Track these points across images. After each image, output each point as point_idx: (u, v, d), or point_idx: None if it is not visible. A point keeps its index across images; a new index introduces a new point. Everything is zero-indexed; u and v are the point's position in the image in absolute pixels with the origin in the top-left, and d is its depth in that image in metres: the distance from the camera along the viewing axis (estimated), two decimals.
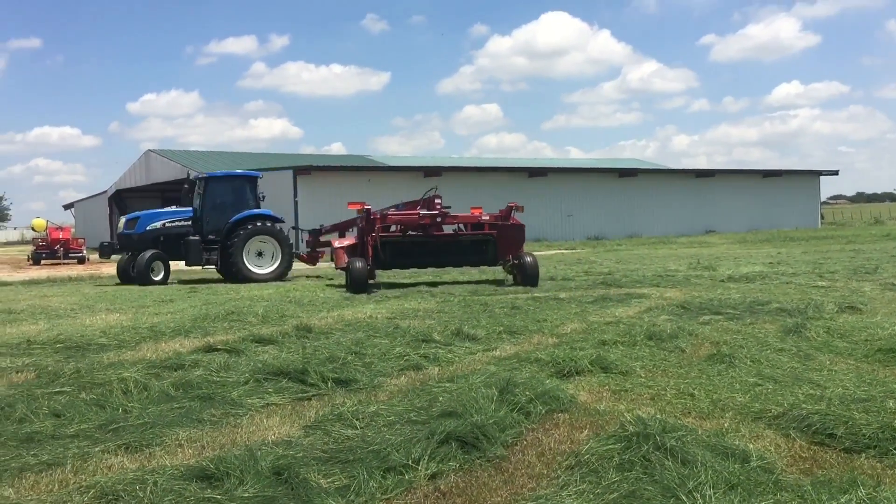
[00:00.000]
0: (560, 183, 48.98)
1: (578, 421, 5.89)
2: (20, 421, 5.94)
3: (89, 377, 7.24)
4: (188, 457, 5.11)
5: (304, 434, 5.60)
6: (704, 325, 10.35)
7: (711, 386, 6.92)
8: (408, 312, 12.60)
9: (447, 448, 5.02)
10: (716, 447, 4.91)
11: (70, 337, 9.93)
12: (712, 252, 30.90)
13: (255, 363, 7.81)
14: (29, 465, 4.96)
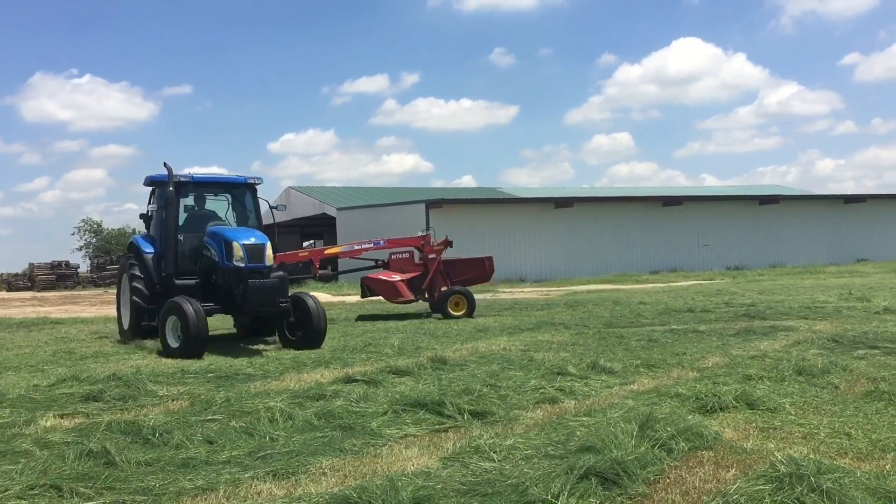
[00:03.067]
0: (696, 211, 47.56)
1: (724, 459, 5.65)
2: (177, 447, 6.27)
3: (238, 405, 7.59)
4: (332, 485, 5.24)
5: (442, 466, 5.63)
6: (859, 360, 9.75)
7: (869, 425, 6.50)
8: (542, 344, 12.52)
9: (587, 483, 4.93)
10: (877, 491, 4.61)
11: (220, 367, 10.43)
12: (865, 282, 29.11)
13: (393, 394, 7.96)
14: (185, 489, 5.23)
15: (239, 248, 12.51)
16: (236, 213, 14.67)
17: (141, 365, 11.04)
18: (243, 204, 14.65)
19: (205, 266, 13.39)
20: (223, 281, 12.89)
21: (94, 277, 56.72)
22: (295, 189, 56.55)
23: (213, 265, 13.05)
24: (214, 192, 14.71)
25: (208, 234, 13.30)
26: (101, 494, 5.12)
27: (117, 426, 6.78)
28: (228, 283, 12.77)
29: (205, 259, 13.36)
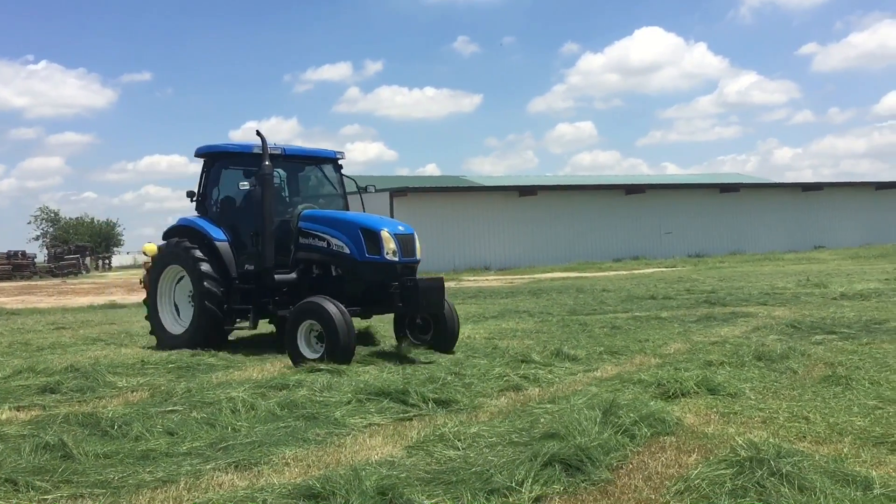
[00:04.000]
0: (658, 200, 48.06)
1: (686, 444, 5.71)
2: (136, 439, 6.17)
3: (199, 396, 7.49)
4: (295, 475, 5.19)
5: (406, 454, 5.62)
6: (817, 345, 9.92)
7: (827, 409, 6.61)
8: (506, 332, 12.55)
9: (551, 470, 4.94)
10: (835, 473, 4.67)
11: (181, 357, 10.29)
12: (822, 268, 29.67)
13: (357, 383, 7.91)
14: (145, 481, 5.14)
15: (390, 238, 10.05)
16: (319, 193, 12.20)
17: (99, 356, 10.85)
18: (329, 182, 12.19)
19: (308, 258, 10.83)
20: (356, 277, 10.32)
21: (52, 267, 55.76)
22: None
23: (334, 258, 10.49)
24: (301, 168, 12.06)
25: (320, 220, 10.72)
26: (59, 488, 5.02)
27: (75, 418, 6.64)
28: (369, 280, 10.26)
29: (306, 249, 10.81)
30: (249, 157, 11.19)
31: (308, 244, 10.76)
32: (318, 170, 12.14)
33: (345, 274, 10.49)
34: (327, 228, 10.56)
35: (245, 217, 11.24)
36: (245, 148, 11.35)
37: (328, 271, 10.71)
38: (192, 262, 11.03)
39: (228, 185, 11.68)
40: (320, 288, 10.35)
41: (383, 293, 10.22)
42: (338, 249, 10.37)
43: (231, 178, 11.61)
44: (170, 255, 11.57)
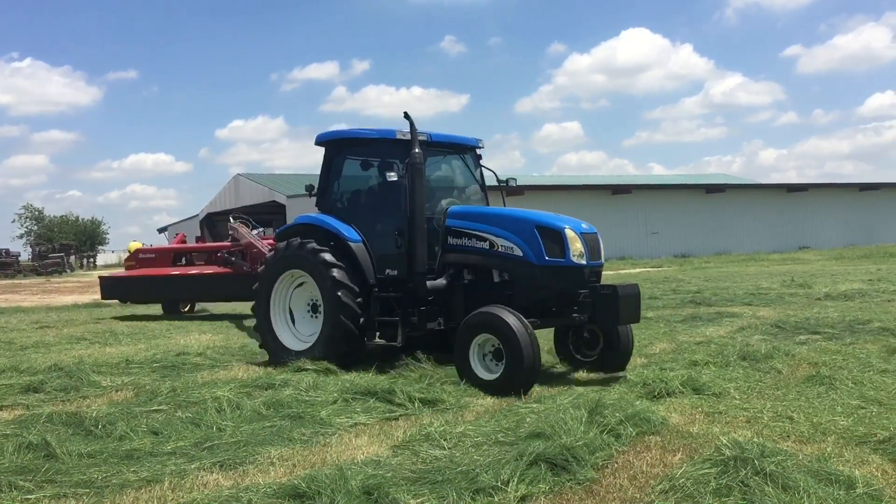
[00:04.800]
0: (644, 200, 48.24)
1: (671, 444, 5.73)
2: (120, 438, 6.13)
3: (184, 396, 7.45)
4: (280, 475, 5.18)
5: (392, 454, 5.61)
6: (801, 345, 9.99)
7: (811, 409, 6.66)
8: None
9: (536, 470, 4.95)
10: (818, 473, 4.70)
11: (166, 357, 10.25)
12: (807, 269, 29.85)
13: (343, 383, 7.89)
14: (129, 481, 5.11)
15: (576, 238, 8.42)
16: (458, 186, 10.42)
17: (84, 355, 10.79)
18: (469, 173, 10.37)
19: (461, 262, 9.13)
20: (532, 284, 8.52)
21: (36, 266, 55.37)
22: (244, 176, 55.80)
23: (500, 261, 8.76)
24: (442, 157, 10.36)
25: (476, 218, 9.02)
26: (42, 488, 4.99)
27: (58, 418, 6.58)
28: (548, 288, 8.49)
29: (458, 251, 9.07)
30: (385, 144, 9.48)
31: (460, 245, 9.03)
32: (459, 159, 10.34)
33: (515, 280, 8.67)
34: (489, 227, 8.85)
35: (383, 213, 9.51)
36: (382, 134, 9.56)
37: (487, 277, 9.03)
38: (321, 266, 9.23)
39: (357, 177, 10.11)
40: (477, 296, 8.87)
41: (563, 302, 8.55)
42: (505, 252, 8.64)
43: (359, 169, 10.03)
44: (290, 258, 9.67)
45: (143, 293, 17.99)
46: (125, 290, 18.18)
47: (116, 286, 18.35)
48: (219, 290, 17.21)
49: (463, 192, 10.29)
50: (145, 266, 18.11)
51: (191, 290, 17.82)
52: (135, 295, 18.18)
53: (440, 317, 9.12)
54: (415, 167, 8.80)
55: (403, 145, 9.15)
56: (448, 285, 9.12)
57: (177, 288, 17.67)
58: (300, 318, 9.91)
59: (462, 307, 8.87)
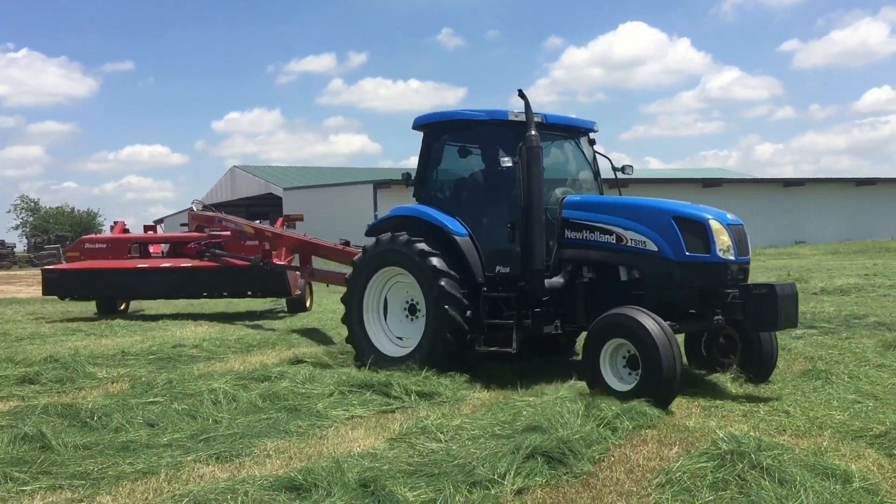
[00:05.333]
0: (642, 194, 47.51)
1: (667, 437, 5.74)
2: (116, 430, 6.12)
3: (181, 387, 7.44)
4: (276, 467, 5.18)
5: (388, 447, 5.61)
6: (797, 340, 9.99)
7: (807, 403, 6.67)
8: None
9: (533, 463, 4.96)
10: (815, 467, 4.71)
11: (162, 348, 10.23)
12: (803, 263, 29.88)
13: (340, 375, 7.88)
14: (125, 473, 5.11)
15: (722, 230, 7.49)
16: (570, 173, 9.34)
17: (79, 346, 10.77)
18: (583, 159, 9.30)
19: (581, 257, 8.17)
20: (669, 283, 7.59)
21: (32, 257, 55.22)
22: (240, 168, 55.69)
23: (629, 257, 7.78)
24: (556, 141, 9.20)
25: (599, 208, 8.12)
26: (37, 479, 4.98)
27: (54, 409, 6.58)
28: (690, 286, 7.52)
29: (577, 246, 8.12)
30: (495, 126, 8.51)
31: (579, 239, 8.11)
32: (573, 144, 9.27)
33: (647, 278, 7.73)
34: (615, 218, 7.93)
35: (492, 204, 8.60)
36: (492, 115, 8.51)
37: (612, 275, 8.05)
38: (423, 262, 8.26)
39: (461, 164, 9.18)
40: (600, 297, 7.95)
41: (704, 303, 7.55)
42: (636, 246, 7.69)
43: (463, 155, 9.15)
44: (386, 253, 8.69)
45: (94, 289, 15.40)
46: (78, 286, 15.30)
47: (65, 281, 15.29)
48: (204, 285, 15.14)
49: (576, 181, 9.19)
50: (95, 257, 15.45)
51: (167, 287, 15.17)
52: (91, 291, 15.52)
53: (557, 319, 8.13)
54: (531, 151, 7.81)
55: (516, 127, 8.19)
56: (566, 284, 8.15)
57: (150, 283, 15.07)
58: (396, 320, 8.89)
59: (583, 309, 7.98)
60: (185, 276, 14.96)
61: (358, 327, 8.87)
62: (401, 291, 8.84)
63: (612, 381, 6.98)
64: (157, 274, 15.08)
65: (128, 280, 15.11)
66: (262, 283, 14.88)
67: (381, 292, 8.93)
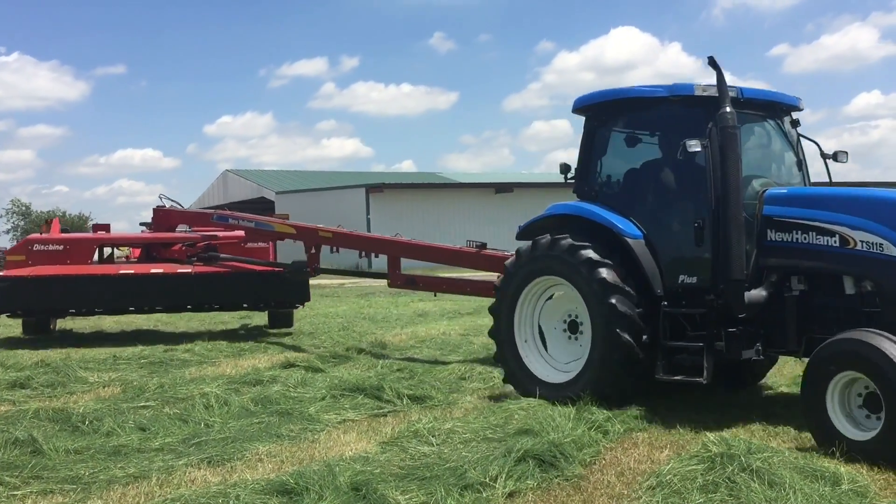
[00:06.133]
0: None
1: (658, 440, 5.77)
2: (107, 434, 6.12)
3: (172, 392, 7.44)
4: (268, 471, 5.18)
5: (380, 450, 5.61)
6: None
7: (797, 405, 6.68)
8: (481, 329, 12.53)
9: (524, 466, 4.97)
10: (804, 469, 4.73)
11: (154, 352, 10.21)
12: None
13: (332, 379, 7.89)
14: (116, 477, 5.10)
15: None
16: (769, 159, 7.67)
17: (71, 351, 10.73)
18: (785, 142, 7.58)
19: (790, 266, 6.60)
20: None
21: None
22: (232, 172, 55.61)
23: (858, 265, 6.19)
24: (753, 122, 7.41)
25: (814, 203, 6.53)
26: (28, 484, 4.97)
27: (45, 413, 6.57)
28: None
29: (783, 253, 6.57)
30: (677, 103, 7.00)
31: (787, 242, 6.54)
32: (774, 125, 7.55)
33: (885, 292, 6.10)
34: (838, 215, 6.32)
35: (674, 199, 7.17)
36: (672, 90, 7.03)
37: (833, 287, 6.43)
38: (588, 271, 6.84)
39: (633, 152, 7.62)
40: (817, 314, 6.46)
41: None
42: (869, 250, 6.07)
43: (634, 141, 7.61)
44: (542, 260, 7.25)
45: (63, 301, 12.01)
46: (38, 298, 11.77)
47: (19, 291, 11.73)
48: (214, 295, 12.55)
49: (779, 170, 7.56)
50: (47, 262, 11.93)
51: (162, 298, 12.34)
52: (58, 305, 12.17)
53: (758, 342, 6.60)
54: (727, 132, 6.36)
55: (704, 104, 6.74)
56: (769, 298, 6.57)
57: (140, 294, 12.15)
58: (553, 338, 7.46)
59: (793, 329, 6.49)
60: (188, 284, 12.12)
61: (508, 346, 7.48)
62: (560, 305, 7.42)
63: (842, 427, 5.47)
64: (150, 282, 12.02)
65: (109, 290, 11.89)
66: (283, 292, 12.54)
67: (537, 305, 7.51)
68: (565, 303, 7.34)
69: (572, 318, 7.29)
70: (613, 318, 6.64)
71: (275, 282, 12.29)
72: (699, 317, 6.64)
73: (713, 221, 6.55)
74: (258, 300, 12.81)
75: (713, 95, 6.63)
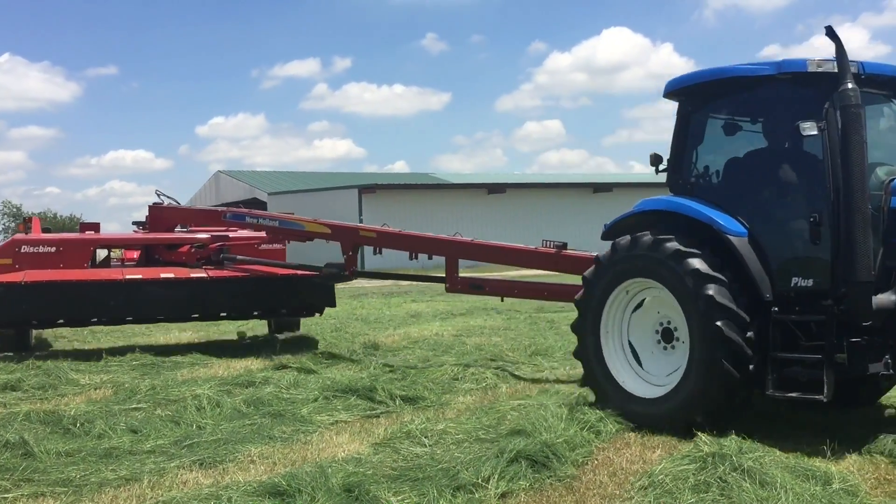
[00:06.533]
0: (626, 198, 47.87)
1: (650, 440, 5.78)
2: (99, 437, 6.10)
3: (164, 394, 7.42)
4: (260, 473, 5.17)
5: (373, 451, 5.61)
6: None
7: (789, 405, 6.71)
8: (474, 330, 12.58)
9: (517, 467, 4.97)
10: (795, 469, 4.76)
11: (145, 354, 10.16)
12: None
13: (324, 380, 7.89)
14: (108, 480, 5.09)
15: None
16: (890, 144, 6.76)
17: (60, 353, 10.68)
18: None
19: None
20: None
21: None
22: (224, 173, 55.50)
23: None
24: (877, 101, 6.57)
25: None
26: (19, 486, 4.96)
27: (36, 416, 6.54)
28: None
29: None
30: (787, 82, 6.17)
31: None
32: None
33: None
34: None
35: (784, 191, 6.35)
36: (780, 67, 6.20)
37: None
38: (687, 273, 6.07)
39: (734, 140, 6.89)
40: None
41: None
42: None
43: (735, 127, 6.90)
44: (631, 261, 6.56)
45: (60, 310, 10.33)
46: (34, 307, 10.14)
47: (14, 299, 9.98)
48: (232, 302, 11.02)
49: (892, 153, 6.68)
50: (37, 266, 10.44)
51: (171, 307, 10.72)
52: (55, 314, 10.43)
53: (887, 354, 5.78)
54: (850, 112, 5.65)
55: (819, 82, 6.00)
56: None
57: (148, 302, 10.50)
58: (644, 348, 6.68)
59: None
60: (204, 291, 10.71)
61: (594, 356, 6.68)
62: (651, 310, 6.67)
63: None
64: (161, 289, 10.55)
65: (114, 298, 10.35)
66: (308, 298, 11.23)
67: (626, 311, 6.74)
68: (657, 307, 6.57)
69: (665, 324, 6.51)
70: (716, 337, 5.84)
71: (300, 287, 11.08)
72: (815, 325, 5.82)
73: (832, 215, 5.77)
74: (281, 307, 11.42)
75: (830, 71, 5.87)
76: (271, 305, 11.31)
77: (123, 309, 10.54)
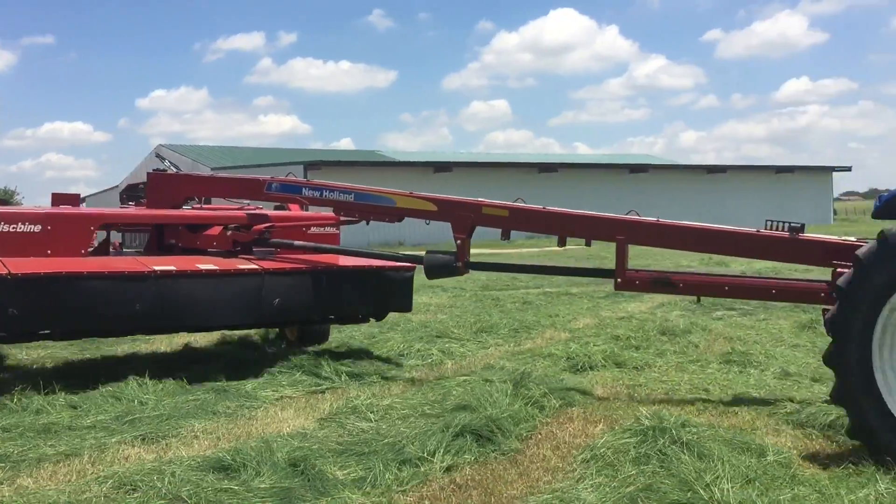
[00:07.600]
0: (570, 179, 48.86)
1: (593, 415, 5.88)
2: (37, 412, 5.95)
3: (104, 369, 7.27)
4: (204, 448, 5.12)
5: (318, 426, 5.61)
6: (718, 321, 10.33)
7: (727, 381, 6.92)
8: (419, 307, 12.58)
9: (462, 441, 5.02)
10: (732, 442, 4.90)
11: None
12: None
13: (269, 356, 7.82)
14: (47, 455, 4.99)
15: None
16: None
17: None
18: None
19: None
20: None
21: None
22: (166, 147, 54.34)
23: None
24: None
25: None
26: None
27: None
28: None
29: None
30: None
31: None
32: None
33: None
34: None
35: None
36: None
37: None
38: None
39: None
40: None
41: None
42: None
43: None
44: None
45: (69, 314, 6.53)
46: (23, 311, 6.23)
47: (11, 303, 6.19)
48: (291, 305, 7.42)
49: None
50: (18, 250, 6.90)
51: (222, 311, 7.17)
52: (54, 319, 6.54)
53: None
54: None
55: None
56: None
57: (189, 304, 6.96)
58: None
59: None
60: (257, 288, 7.23)
61: (863, 388, 4.72)
62: None
63: None
64: (206, 287, 7.09)
65: (141, 298, 6.72)
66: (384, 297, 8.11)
67: None
68: None
69: None
70: None
71: (379, 283, 8.12)
72: None
73: None
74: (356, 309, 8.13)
75: None
76: (353, 308, 8.06)
77: (153, 315, 6.87)
